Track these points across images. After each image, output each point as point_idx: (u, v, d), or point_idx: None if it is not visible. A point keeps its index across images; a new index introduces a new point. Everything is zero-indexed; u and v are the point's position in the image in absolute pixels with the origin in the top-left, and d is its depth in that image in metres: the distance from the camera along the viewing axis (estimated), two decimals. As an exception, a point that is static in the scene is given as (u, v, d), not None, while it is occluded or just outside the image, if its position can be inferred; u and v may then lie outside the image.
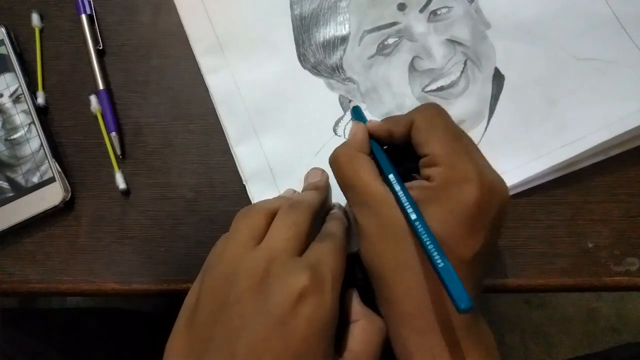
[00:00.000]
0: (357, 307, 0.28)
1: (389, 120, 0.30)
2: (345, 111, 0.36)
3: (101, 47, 0.37)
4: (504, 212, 0.27)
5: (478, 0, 0.37)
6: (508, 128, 0.35)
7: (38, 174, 0.35)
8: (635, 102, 0.34)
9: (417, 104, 0.36)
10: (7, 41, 0.37)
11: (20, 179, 0.35)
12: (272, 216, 0.27)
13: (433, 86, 0.36)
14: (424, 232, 0.24)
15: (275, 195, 0.34)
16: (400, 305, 0.26)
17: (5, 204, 0.35)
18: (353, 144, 0.29)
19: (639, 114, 0.34)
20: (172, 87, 0.37)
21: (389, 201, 0.26)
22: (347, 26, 0.37)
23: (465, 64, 0.36)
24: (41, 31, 0.38)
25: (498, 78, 0.36)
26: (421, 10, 0.36)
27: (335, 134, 0.36)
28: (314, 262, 0.25)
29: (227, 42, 0.37)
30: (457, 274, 0.23)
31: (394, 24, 0.36)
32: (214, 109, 0.37)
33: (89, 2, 0.38)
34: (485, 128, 0.35)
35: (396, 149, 0.30)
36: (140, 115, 0.37)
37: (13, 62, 0.36)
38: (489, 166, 0.27)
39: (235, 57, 0.37)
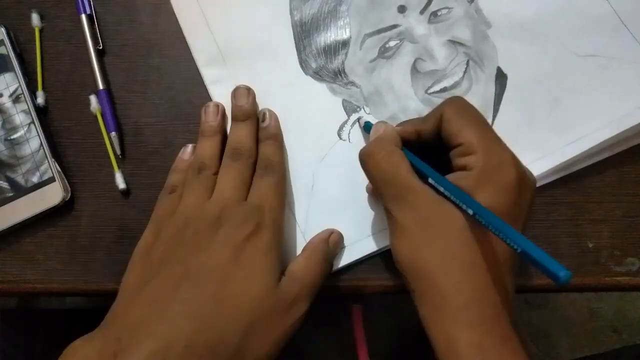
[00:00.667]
0: (315, 240, 0.33)
1: (413, 121, 0.31)
2: (349, 115, 0.36)
3: (101, 47, 0.37)
4: (533, 195, 0.28)
5: (478, 0, 0.37)
6: (512, 127, 0.35)
7: (38, 173, 0.35)
8: (638, 98, 0.34)
9: (420, 106, 0.36)
10: (7, 41, 0.37)
11: (20, 179, 0.35)
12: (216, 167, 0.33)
13: (436, 87, 0.36)
14: (488, 220, 0.24)
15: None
16: (448, 299, 0.25)
17: (5, 204, 0.35)
18: (389, 139, 0.30)
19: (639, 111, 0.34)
20: (172, 87, 0.37)
21: (429, 196, 0.27)
22: (347, 30, 0.37)
23: (467, 64, 0.36)
24: (41, 31, 0.38)
25: (501, 77, 0.36)
26: (421, 12, 0.36)
27: (340, 138, 0.36)
28: (257, 204, 0.30)
29: (229, 52, 0.37)
30: (501, 258, 0.25)
31: (394, 26, 0.36)
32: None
33: (89, 2, 0.38)
34: None
35: (416, 147, 0.30)
36: (140, 115, 0.37)
37: (13, 62, 0.36)
38: (517, 159, 0.28)
39: (237, 67, 0.36)
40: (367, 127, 0.34)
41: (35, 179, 0.35)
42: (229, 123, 0.35)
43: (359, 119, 0.35)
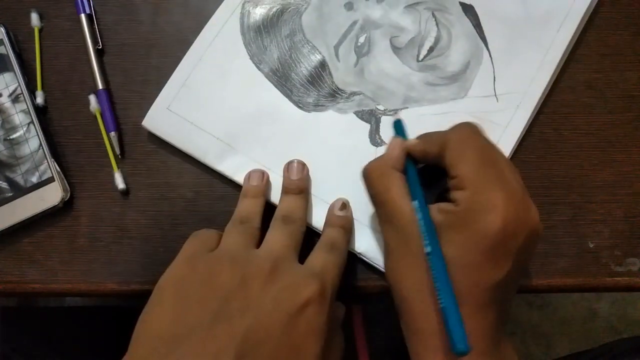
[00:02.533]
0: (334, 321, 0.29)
1: (425, 139, 0.30)
2: (369, 121, 0.36)
3: (100, 47, 0.37)
4: (532, 240, 0.26)
5: None
6: (507, 43, 0.36)
7: (37, 174, 0.35)
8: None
9: (422, 76, 0.36)
10: (6, 41, 0.36)
11: (19, 179, 0.35)
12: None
13: (424, 51, 0.36)
14: (434, 266, 0.25)
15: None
16: (418, 323, 0.26)
17: (4, 204, 0.35)
18: (387, 160, 0.30)
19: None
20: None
21: (414, 221, 0.27)
22: (317, 53, 0.37)
23: (434, 16, 0.36)
24: (40, 31, 0.38)
25: (468, 10, 0.37)
26: (379, 1, 0.37)
27: (377, 144, 0.35)
28: (319, 272, 0.27)
29: (231, 137, 0.35)
30: (460, 313, 0.24)
31: (353, 24, 0.37)
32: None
33: (88, 1, 0.38)
34: (490, 55, 0.36)
35: (433, 168, 0.29)
36: (140, 114, 0.37)
37: (12, 61, 0.36)
38: (521, 192, 0.26)
39: (246, 145, 0.35)
40: (396, 127, 0.32)
41: (34, 179, 0.35)
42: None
43: (396, 122, 0.33)
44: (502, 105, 0.35)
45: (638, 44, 0.37)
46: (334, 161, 0.35)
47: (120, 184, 0.35)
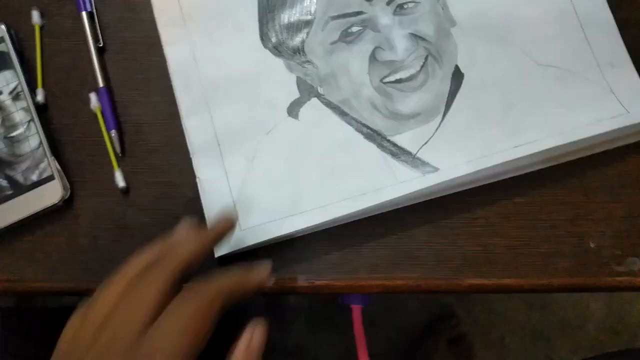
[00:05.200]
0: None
1: None
2: (301, 93, 0.36)
3: (101, 45, 0.37)
4: None
5: None
6: (463, 125, 0.35)
7: (37, 172, 0.35)
8: (588, 114, 0.35)
9: (374, 94, 0.36)
10: (7, 38, 0.36)
11: (19, 177, 0.35)
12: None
13: (392, 78, 0.36)
14: None
15: (219, 171, 0.35)
16: None
17: (4, 202, 0.35)
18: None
19: (591, 127, 0.34)
20: (172, 85, 0.37)
21: None
22: (312, 10, 0.37)
23: (426, 59, 0.36)
24: (41, 28, 0.38)
25: (457, 76, 0.36)
26: (388, 3, 0.37)
27: (289, 115, 0.36)
28: (149, 351, 0.23)
29: (191, 15, 0.37)
30: None
31: (359, 12, 0.37)
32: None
33: (89, -1, 0.38)
34: (440, 123, 0.35)
35: None
36: (140, 113, 0.37)
37: (13, 59, 0.36)
38: None
39: (197, 31, 0.37)
40: None
41: (34, 177, 0.35)
42: None
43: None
44: (409, 171, 0.34)
45: None
46: (245, 101, 0.36)
47: (120, 182, 0.35)
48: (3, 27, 0.37)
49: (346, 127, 0.36)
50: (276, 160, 0.35)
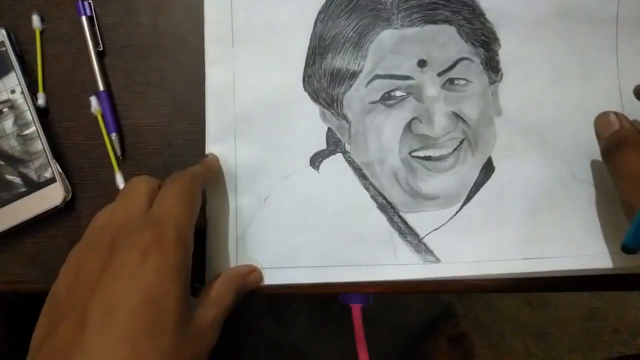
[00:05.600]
0: (233, 271, 0.32)
1: None
2: (328, 145, 0.35)
3: (101, 49, 0.38)
4: None
5: (498, 84, 0.35)
6: (478, 220, 0.34)
7: (39, 174, 0.35)
8: (609, 244, 0.33)
9: (398, 164, 0.35)
10: (7, 43, 0.37)
11: (32, 175, 0.35)
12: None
13: (421, 153, 0.35)
14: None
15: (230, 204, 0.35)
16: None
17: (17, 199, 0.35)
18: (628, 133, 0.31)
19: (609, 257, 0.33)
20: (172, 88, 0.37)
21: None
22: (362, 63, 0.35)
23: (461, 142, 0.35)
24: (41, 33, 0.38)
25: (488, 168, 0.35)
26: (439, 74, 0.35)
27: (311, 165, 0.35)
28: (158, 216, 0.27)
29: (241, 38, 0.36)
30: None
31: (407, 77, 0.35)
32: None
33: (89, 3, 0.38)
34: (457, 212, 0.34)
35: None
36: (141, 116, 0.37)
37: (13, 63, 0.36)
38: None
39: (242, 56, 0.36)
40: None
41: (47, 175, 0.35)
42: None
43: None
44: (410, 255, 0.34)
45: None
46: (272, 139, 0.35)
47: (121, 184, 0.36)
48: (3, 31, 0.37)
49: (362, 191, 0.35)
50: (287, 207, 0.35)
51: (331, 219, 0.34)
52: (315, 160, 0.35)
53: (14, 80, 0.36)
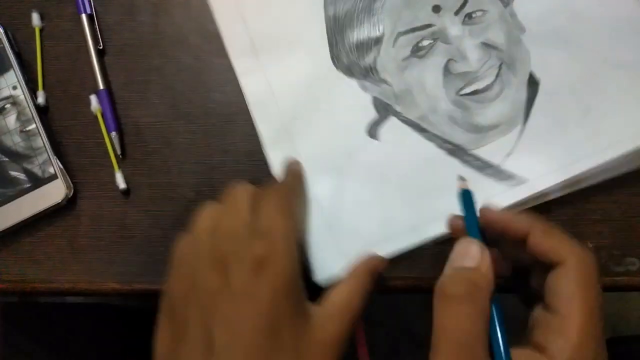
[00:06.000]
0: (356, 268, 0.30)
1: (508, 213, 0.28)
2: (379, 113, 0.36)
3: (101, 47, 0.37)
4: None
5: (512, 4, 0.36)
6: (543, 132, 0.35)
7: (44, 169, 0.35)
8: None
9: (451, 107, 0.35)
10: (5, 40, 0.37)
11: (37, 170, 0.35)
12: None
13: (467, 90, 0.35)
14: None
15: (312, 199, 0.34)
16: None
17: (21, 195, 0.35)
18: (484, 290, 0.24)
19: None
20: (172, 86, 0.37)
21: None
22: (381, 27, 0.36)
23: (500, 67, 0.36)
24: (41, 31, 0.38)
25: (533, 83, 0.35)
26: (456, 13, 0.36)
27: (370, 136, 0.35)
28: (266, 229, 0.27)
29: (261, 44, 0.37)
30: None
31: (428, 25, 0.36)
32: (215, 108, 0.37)
33: (89, 1, 0.38)
34: (521, 132, 0.35)
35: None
36: (141, 115, 0.37)
37: (11, 61, 0.36)
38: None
39: (269, 59, 0.36)
40: (465, 199, 0.30)
41: (42, 174, 0.35)
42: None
43: (464, 192, 0.31)
44: (496, 185, 0.34)
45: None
46: (325, 126, 0.36)
47: (121, 183, 0.35)
48: (0, 29, 0.37)
49: (428, 144, 0.35)
50: (361, 183, 0.35)
51: (408, 180, 0.35)
52: (373, 130, 0.35)
53: (14, 78, 0.36)
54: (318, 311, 0.26)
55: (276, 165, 0.35)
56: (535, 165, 0.34)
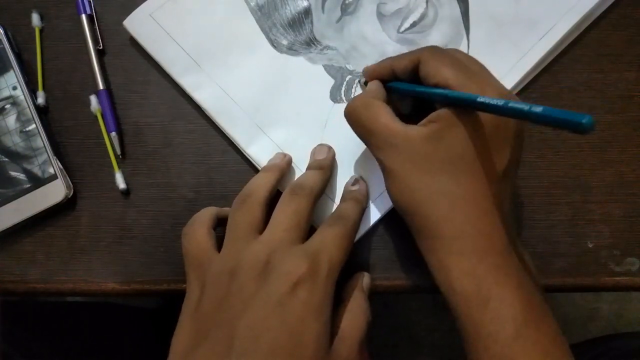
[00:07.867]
0: (351, 290, 0.30)
1: (389, 57, 0.32)
2: (334, 77, 0.37)
3: (101, 47, 0.37)
4: (522, 129, 0.28)
5: None
6: (487, 37, 0.36)
7: (43, 169, 0.35)
8: None
9: (397, 47, 0.37)
10: (4, 41, 0.37)
11: (37, 170, 0.35)
12: (268, 204, 0.30)
13: (406, 24, 0.37)
14: (497, 102, 0.23)
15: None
16: (440, 230, 0.27)
17: (22, 195, 0.35)
18: (368, 93, 0.31)
19: None
20: (172, 87, 0.37)
21: (413, 137, 0.27)
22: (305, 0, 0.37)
23: None
24: (41, 31, 0.38)
25: None
26: None
27: (335, 102, 0.36)
28: (315, 250, 0.27)
29: (200, 56, 0.37)
30: (489, 190, 0.26)
31: None
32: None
33: (89, 2, 0.38)
34: (468, 45, 0.36)
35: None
36: (140, 115, 0.37)
37: (11, 61, 0.36)
38: (503, 86, 0.28)
39: (213, 67, 0.37)
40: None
41: (42, 174, 0.35)
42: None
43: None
44: None
45: (637, 44, 0.37)
46: (290, 108, 0.36)
47: (121, 184, 0.35)
48: (0, 29, 0.37)
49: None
50: (343, 146, 0.35)
51: None
52: (335, 95, 0.36)
53: (14, 78, 0.36)
54: (336, 343, 0.27)
55: (259, 159, 0.35)
56: (491, 69, 0.34)
